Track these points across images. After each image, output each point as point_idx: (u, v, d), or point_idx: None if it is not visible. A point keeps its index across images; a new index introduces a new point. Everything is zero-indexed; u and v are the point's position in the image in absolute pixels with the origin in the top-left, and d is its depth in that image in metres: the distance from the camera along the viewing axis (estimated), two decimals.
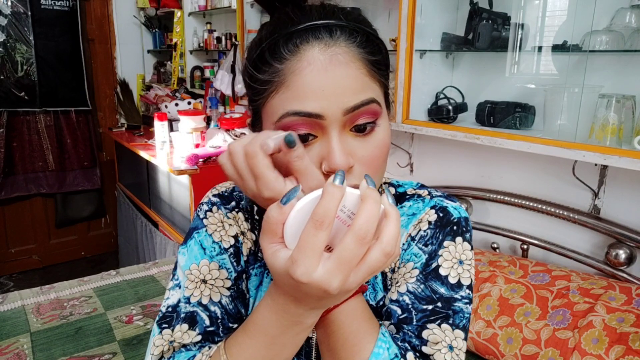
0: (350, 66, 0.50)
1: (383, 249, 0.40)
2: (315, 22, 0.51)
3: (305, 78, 0.49)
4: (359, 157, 0.52)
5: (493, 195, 1.61)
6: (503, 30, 1.45)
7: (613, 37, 1.22)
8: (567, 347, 1.14)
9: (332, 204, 0.39)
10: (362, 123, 0.51)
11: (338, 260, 0.39)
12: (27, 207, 3.46)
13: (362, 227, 0.39)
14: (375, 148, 0.53)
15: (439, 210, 0.64)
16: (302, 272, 0.39)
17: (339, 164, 0.49)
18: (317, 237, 0.39)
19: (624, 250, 1.31)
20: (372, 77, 0.52)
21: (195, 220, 0.67)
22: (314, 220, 0.39)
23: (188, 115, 2.55)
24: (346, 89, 0.49)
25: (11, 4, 3.11)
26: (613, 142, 1.21)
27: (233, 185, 0.69)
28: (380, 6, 1.89)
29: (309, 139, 0.51)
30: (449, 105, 1.59)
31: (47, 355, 1.34)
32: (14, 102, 3.22)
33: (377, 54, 0.53)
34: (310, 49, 0.50)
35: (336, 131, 0.50)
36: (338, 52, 0.50)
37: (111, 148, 3.59)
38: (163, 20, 3.67)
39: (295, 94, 0.49)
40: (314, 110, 0.49)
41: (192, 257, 0.64)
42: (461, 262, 0.61)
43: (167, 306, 0.63)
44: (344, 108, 0.49)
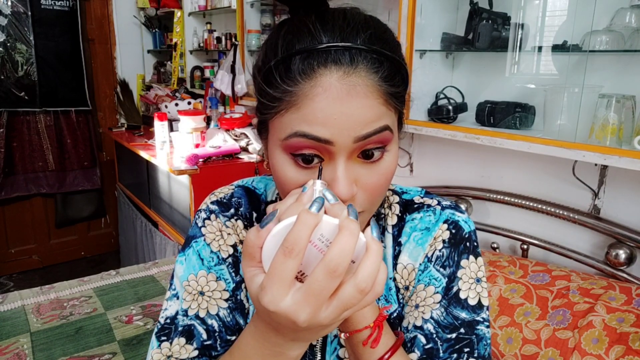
0: (368, 97, 0.48)
1: (357, 285, 0.38)
2: (336, 44, 0.47)
3: (318, 104, 0.47)
4: (363, 184, 0.51)
5: (493, 195, 1.61)
6: (503, 30, 1.45)
7: (613, 37, 1.22)
8: (567, 347, 1.14)
9: (303, 232, 0.37)
10: (371, 149, 0.49)
11: (306, 292, 0.37)
12: (27, 207, 3.46)
13: (332, 259, 0.37)
14: (381, 175, 0.51)
15: (451, 225, 0.63)
16: (269, 300, 0.38)
17: (343, 193, 0.48)
18: (285, 265, 0.37)
19: (624, 250, 1.31)
20: (388, 105, 0.50)
21: (194, 228, 0.66)
22: (284, 247, 0.37)
23: (188, 115, 2.55)
24: (360, 119, 0.47)
25: (11, 4, 3.11)
26: (613, 142, 1.21)
27: (232, 191, 0.68)
28: (380, 6, 1.89)
29: (314, 160, 0.49)
30: (449, 105, 1.59)
31: (47, 355, 1.34)
32: (14, 102, 3.22)
33: (399, 85, 0.50)
34: (327, 74, 0.47)
35: (344, 158, 0.49)
36: (357, 84, 0.47)
37: (111, 148, 3.59)
38: (163, 20, 3.67)
39: (306, 118, 0.47)
40: (323, 136, 0.47)
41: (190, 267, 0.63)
42: (478, 281, 0.62)
43: (165, 317, 0.62)
44: (355, 136, 0.48)
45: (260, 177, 0.72)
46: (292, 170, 0.51)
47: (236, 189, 0.69)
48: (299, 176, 0.50)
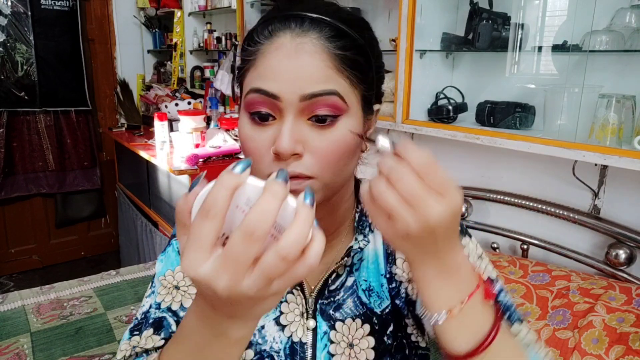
0: (314, 57, 0.51)
1: (278, 252, 0.34)
2: (292, 12, 0.53)
3: (271, 60, 0.52)
4: (311, 148, 0.52)
5: (493, 195, 1.61)
6: (503, 30, 1.45)
7: (613, 37, 1.22)
8: (567, 347, 1.14)
9: (222, 193, 0.34)
10: (322, 114, 0.52)
11: (224, 258, 0.34)
12: (27, 207, 3.46)
13: (250, 222, 0.33)
14: (331, 143, 0.52)
15: None
16: (187, 265, 0.35)
17: (284, 146, 0.50)
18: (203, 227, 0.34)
19: (624, 250, 1.31)
20: (338, 71, 0.52)
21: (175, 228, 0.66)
22: (202, 209, 0.34)
23: (188, 115, 2.54)
24: (307, 76, 0.51)
25: (11, 4, 3.11)
26: (613, 142, 1.21)
27: None
28: (380, 6, 1.89)
29: (269, 119, 0.53)
30: (449, 105, 1.59)
31: (47, 355, 1.34)
32: (14, 102, 3.22)
33: (346, 49, 0.53)
34: (282, 36, 0.52)
35: (291, 116, 0.51)
36: (305, 42, 0.52)
37: (111, 148, 3.59)
38: (163, 20, 3.67)
39: (260, 74, 0.52)
40: (271, 89, 0.51)
41: (169, 263, 0.65)
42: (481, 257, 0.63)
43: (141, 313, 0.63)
44: (301, 94, 0.50)
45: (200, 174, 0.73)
46: (248, 128, 0.54)
47: None
48: (254, 134, 0.53)
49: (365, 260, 0.65)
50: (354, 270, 0.65)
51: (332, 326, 0.63)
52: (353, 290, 0.64)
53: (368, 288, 0.65)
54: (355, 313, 0.64)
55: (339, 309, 0.64)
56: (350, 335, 0.63)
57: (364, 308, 0.64)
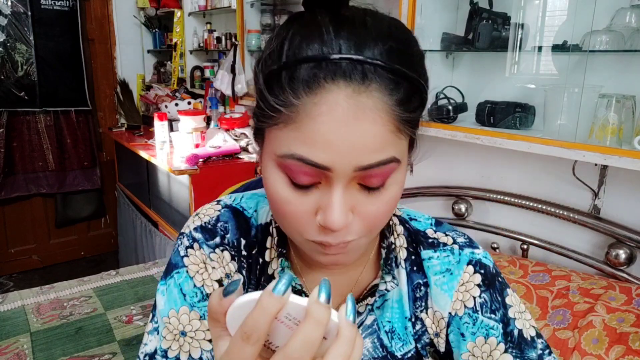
0: (377, 123, 0.42)
1: None
2: (349, 56, 0.41)
3: (321, 126, 0.42)
4: (361, 213, 0.46)
5: (493, 195, 1.61)
6: (503, 30, 1.45)
7: (613, 37, 1.22)
8: (567, 347, 1.14)
9: (263, 320, 0.33)
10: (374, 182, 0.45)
11: None
12: (27, 207, 3.46)
13: (294, 352, 0.33)
14: (382, 204, 0.47)
15: (477, 266, 0.59)
16: None
17: (336, 224, 0.44)
18: (244, 350, 0.34)
19: (624, 250, 1.31)
20: (399, 132, 0.44)
21: (176, 255, 0.60)
22: (242, 332, 0.34)
23: (188, 115, 2.55)
24: (365, 147, 0.42)
25: (11, 4, 3.11)
26: (613, 142, 1.21)
27: (217, 213, 0.61)
28: (380, 6, 1.88)
29: (313, 184, 0.45)
30: (449, 105, 1.59)
31: (47, 355, 1.34)
32: (14, 102, 3.22)
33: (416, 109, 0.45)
34: (335, 90, 0.41)
35: (342, 185, 0.44)
36: (366, 106, 0.41)
37: (111, 148, 3.59)
38: (163, 20, 3.67)
39: (306, 139, 0.42)
40: (323, 162, 0.42)
41: (172, 301, 0.58)
42: (522, 312, 0.60)
43: (144, 354, 0.58)
44: (357, 166, 0.43)
45: (251, 193, 0.65)
46: (286, 191, 0.46)
47: (222, 211, 0.62)
48: (293, 198, 0.46)
49: (389, 300, 0.60)
50: (375, 308, 0.60)
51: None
52: (373, 330, 0.60)
53: (391, 330, 0.60)
54: (373, 355, 0.59)
55: None
56: None
57: (384, 351, 0.59)
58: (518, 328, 0.57)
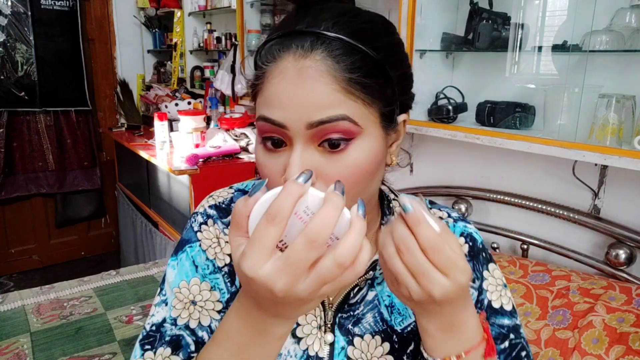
0: (319, 81, 0.47)
1: (336, 259, 0.37)
2: (296, 28, 0.49)
3: (274, 87, 0.49)
4: (323, 175, 0.49)
5: (493, 195, 1.61)
6: (503, 30, 1.45)
7: (613, 37, 1.22)
8: (567, 347, 1.14)
9: (288, 201, 0.37)
10: (332, 139, 0.48)
11: (285, 261, 0.37)
12: (27, 207, 3.46)
13: (313, 229, 0.36)
14: (345, 168, 0.49)
15: (467, 238, 0.64)
16: (248, 265, 0.38)
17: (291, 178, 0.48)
18: (267, 231, 0.37)
19: (624, 250, 1.31)
20: (348, 93, 0.48)
21: (189, 231, 0.63)
22: (267, 214, 0.37)
23: (188, 115, 2.55)
24: (312, 103, 0.47)
25: (11, 4, 3.11)
26: (613, 142, 1.21)
27: (231, 195, 0.65)
28: (380, 6, 1.89)
29: (282, 145, 0.50)
30: (449, 105, 1.59)
31: (47, 355, 1.34)
32: (14, 102, 3.22)
33: (356, 69, 0.48)
34: (286, 57, 0.49)
35: (300, 145, 0.49)
36: (309, 65, 0.47)
37: (111, 148, 3.59)
38: (163, 20, 3.67)
39: (267, 100, 0.50)
40: (277, 119, 0.48)
41: (183, 273, 0.60)
42: (505, 286, 0.63)
43: (151, 324, 0.59)
44: (307, 122, 0.47)
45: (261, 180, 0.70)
46: (261, 153, 0.52)
47: (236, 193, 0.65)
48: (266, 160, 0.51)
49: None
50: (376, 284, 0.62)
51: (350, 342, 0.60)
52: (374, 305, 0.62)
53: (390, 304, 0.62)
54: (374, 329, 0.61)
55: (357, 323, 0.61)
56: (368, 352, 0.60)
57: (384, 325, 0.62)
58: (490, 299, 0.62)
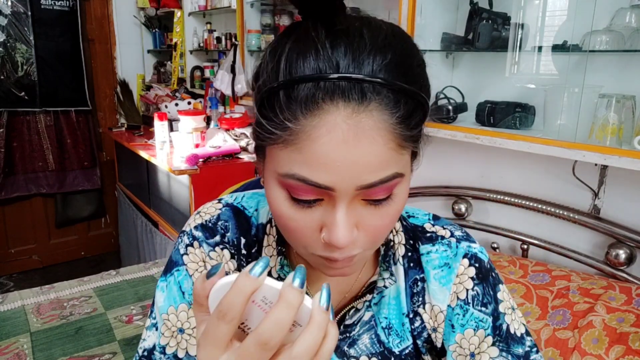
0: (378, 142, 0.41)
1: (292, 359, 0.35)
2: (347, 75, 0.40)
3: (321, 147, 0.41)
4: (365, 227, 0.46)
5: (493, 195, 1.61)
6: (503, 30, 1.45)
7: (613, 37, 1.22)
8: (567, 347, 1.14)
9: (238, 298, 0.35)
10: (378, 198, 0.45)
11: (238, 359, 0.35)
12: (27, 207, 3.46)
13: (264, 332, 0.34)
14: (386, 217, 0.46)
15: (472, 260, 0.60)
16: (202, 357, 0.36)
17: (341, 242, 0.44)
18: (219, 328, 0.35)
19: (624, 250, 1.31)
20: (400, 148, 0.43)
21: (176, 252, 0.61)
22: (218, 310, 0.35)
23: (188, 115, 2.55)
24: (367, 166, 0.42)
25: (11, 4, 3.11)
26: (613, 142, 1.21)
27: (218, 212, 0.62)
28: (380, 6, 1.89)
29: (316, 202, 0.45)
30: (449, 105, 1.59)
31: (47, 355, 1.34)
32: (14, 102, 3.22)
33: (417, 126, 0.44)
34: (333, 111, 0.41)
35: (345, 203, 0.44)
36: (366, 126, 0.41)
37: (111, 148, 3.59)
38: (163, 20, 3.67)
39: (306, 161, 0.42)
40: (324, 182, 0.42)
41: (171, 298, 0.59)
42: (514, 309, 0.60)
43: (143, 349, 0.59)
44: (359, 185, 0.42)
45: (252, 192, 0.65)
46: (289, 208, 0.46)
47: (223, 210, 0.62)
48: (296, 215, 0.46)
49: (386, 296, 0.60)
50: (373, 304, 0.60)
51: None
52: (370, 326, 0.60)
53: (388, 326, 0.60)
54: (371, 351, 0.60)
55: (353, 345, 0.60)
56: None
57: (381, 347, 0.60)
58: (507, 323, 0.59)
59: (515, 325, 0.59)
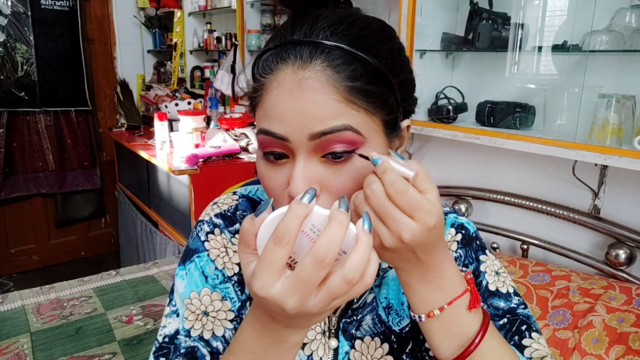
0: (320, 92, 0.46)
1: (344, 275, 0.38)
2: (296, 39, 0.48)
3: (273, 99, 0.48)
4: (328, 186, 0.49)
5: (493, 195, 1.61)
6: (503, 30, 1.45)
7: (613, 37, 1.22)
8: (567, 347, 1.14)
9: (294, 222, 0.38)
10: (338, 151, 0.48)
11: (294, 280, 0.38)
12: (27, 207, 3.46)
13: (320, 249, 0.37)
14: (347, 179, 0.49)
15: (458, 228, 0.65)
16: (258, 286, 0.39)
17: (295, 191, 0.47)
18: (275, 253, 0.38)
19: (624, 250, 1.31)
20: (350, 102, 0.47)
21: (195, 240, 0.63)
22: (274, 236, 0.38)
23: (188, 115, 2.55)
24: (313, 114, 0.46)
25: (11, 4, 3.11)
26: (613, 142, 1.21)
27: (236, 202, 0.65)
28: (380, 6, 1.89)
29: (283, 158, 0.50)
30: (449, 105, 1.59)
31: (47, 355, 1.34)
32: (14, 102, 3.22)
33: (357, 78, 0.48)
34: (284, 69, 0.48)
35: (302, 156, 0.48)
36: (309, 76, 0.47)
37: (111, 148, 3.59)
38: (163, 20, 3.67)
39: (266, 113, 0.49)
40: (278, 132, 0.48)
41: (192, 283, 0.60)
42: (497, 273, 0.64)
43: (164, 335, 0.59)
44: (309, 133, 0.47)
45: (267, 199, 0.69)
46: (263, 166, 0.52)
47: (241, 201, 0.65)
48: (269, 173, 0.51)
49: (386, 277, 0.64)
50: (374, 286, 0.63)
51: (352, 345, 0.61)
52: (372, 307, 0.63)
53: (387, 306, 0.63)
54: (374, 331, 0.62)
55: (359, 327, 0.62)
56: (369, 354, 0.61)
57: (382, 326, 0.62)
58: (487, 280, 0.63)
59: (498, 285, 0.63)
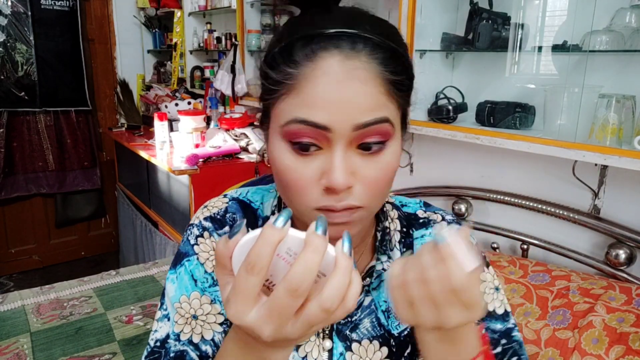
0: (368, 84, 0.47)
1: (321, 304, 0.36)
2: (339, 29, 0.48)
3: (318, 87, 0.47)
4: (361, 177, 0.49)
5: (493, 195, 1.61)
6: (503, 30, 1.45)
7: (613, 37, 1.22)
8: (567, 347, 1.14)
9: (266, 249, 0.36)
10: (370, 142, 0.49)
11: (269, 309, 0.37)
12: (27, 207, 3.46)
13: (294, 278, 0.35)
14: (380, 170, 0.50)
15: None
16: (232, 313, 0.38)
17: (339, 181, 0.47)
18: (248, 281, 0.36)
19: (624, 250, 1.31)
20: (389, 96, 0.49)
21: (185, 244, 0.63)
22: (246, 263, 0.36)
23: (188, 115, 2.55)
24: (359, 105, 0.47)
25: (11, 4, 3.11)
26: (613, 142, 1.21)
27: (226, 205, 0.65)
28: (380, 6, 1.89)
29: (310, 149, 0.49)
30: (449, 105, 1.59)
31: (47, 355, 1.34)
32: (14, 102, 3.22)
33: (400, 73, 0.50)
34: (329, 58, 0.47)
35: (342, 146, 0.48)
36: (357, 67, 0.47)
37: (111, 148, 3.59)
38: (163, 20, 3.67)
39: (305, 102, 0.47)
40: (321, 121, 0.47)
41: (182, 287, 0.60)
42: (497, 289, 0.63)
43: (155, 340, 0.60)
44: (354, 124, 0.47)
45: (255, 188, 0.68)
46: (289, 159, 0.50)
47: (230, 203, 0.65)
48: (297, 165, 0.49)
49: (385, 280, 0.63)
50: (372, 289, 0.63)
51: (348, 347, 0.61)
52: (371, 311, 0.62)
53: (387, 309, 0.63)
54: (372, 334, 0.62)
55: (355, 329, 0.62)
56: (367, 357, 0.61)
57: (381, 330, 0.62)
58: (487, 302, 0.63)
59: (496, 304, 0.63)
